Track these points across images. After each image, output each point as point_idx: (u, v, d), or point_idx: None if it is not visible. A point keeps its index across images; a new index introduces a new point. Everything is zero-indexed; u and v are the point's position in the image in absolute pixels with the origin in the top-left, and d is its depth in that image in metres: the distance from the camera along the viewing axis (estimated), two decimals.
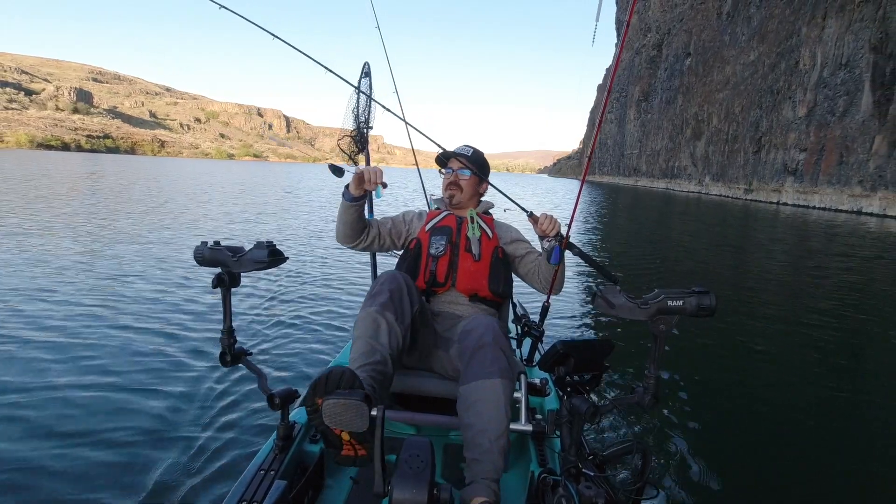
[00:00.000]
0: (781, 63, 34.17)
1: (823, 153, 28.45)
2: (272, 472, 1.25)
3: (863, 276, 8.02)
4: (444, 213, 1.82)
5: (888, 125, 23.33)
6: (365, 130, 2.41)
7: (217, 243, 1.22)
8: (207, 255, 1.21)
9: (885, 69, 23.56)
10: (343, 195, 1.67)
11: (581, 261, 1.68)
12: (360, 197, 1.64)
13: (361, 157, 2.46)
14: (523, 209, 1.69)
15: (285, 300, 4.50)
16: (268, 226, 10.09)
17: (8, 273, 4.95)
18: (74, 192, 15.25)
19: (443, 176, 1.88)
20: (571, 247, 1.63)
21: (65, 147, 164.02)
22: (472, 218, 1.72)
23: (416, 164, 3.11)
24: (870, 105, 24.54)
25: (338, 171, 2.12)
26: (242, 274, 1.26)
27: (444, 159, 1.87)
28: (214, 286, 1.23)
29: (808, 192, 30.01)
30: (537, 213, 1.65)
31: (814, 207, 28.56)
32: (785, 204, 31.81)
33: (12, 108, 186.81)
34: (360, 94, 2.33)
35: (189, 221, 10.00)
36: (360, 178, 1.58)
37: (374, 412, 1.03)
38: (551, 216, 1.63)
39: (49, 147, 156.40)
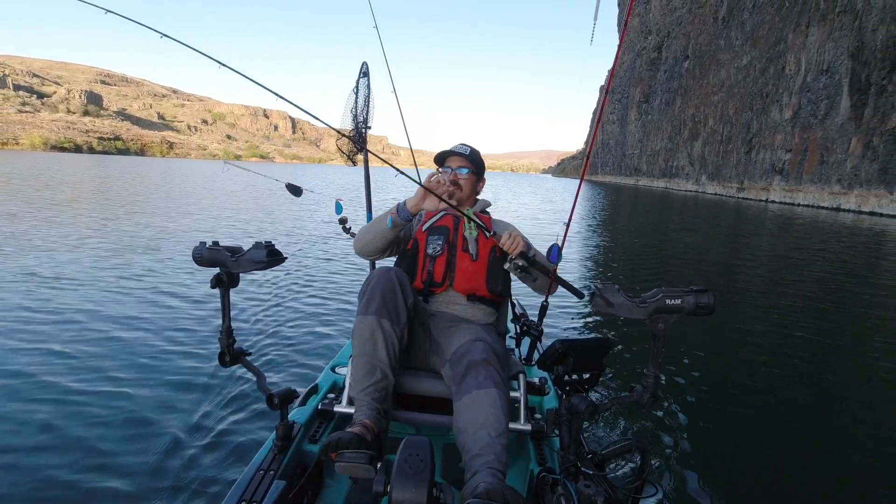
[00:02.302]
0: (770, 68, 35.84)
1: (806, 153, 30.16)
2: (271, 472, 1.25)
3: (848, 270, 8.46)
4: (441, 213, 1.81)
5: (863, 128, 25.01)
6: (363, 131, 2.39)
7: (216, 243, 1.23)
8: (206, 255, 1.21)
9: (861, 75, 25.21)
10: (399, 212, 1.61)
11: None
12: (414, 215, 1.62)
13: (360, 158, 2.46)
14: (486, 230, 1.60)
15: (284, 300, 4.50)
16: (267, 226, 10.10)
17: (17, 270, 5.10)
18: (151, 190, 17.45)
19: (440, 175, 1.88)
20: (536, 263, 1.55)
21: (77, 149, 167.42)
22: (468, 217, 1.66)
23: (415, 164, 3.12)
24: (848, 109, 26.21)
25: (295, 191, 2.24)
26: (241, 274, 1.25)
27: (442, 158, 1.86)
28: (213, 286, 1.24)
29: (793, 190, 31.71)
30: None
31: (798, 205, 30.20)
32: (773, 202, 33.38)
33: (26, 111, 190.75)
34: (358, 94, 2.34)
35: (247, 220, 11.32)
36: (423, 193, 1.56)
37: (378, 465, 1.09)
38: (515, 235, 1.56)
39: (62, 149, 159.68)
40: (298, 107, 1.70)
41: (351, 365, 1.39)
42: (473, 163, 1.84)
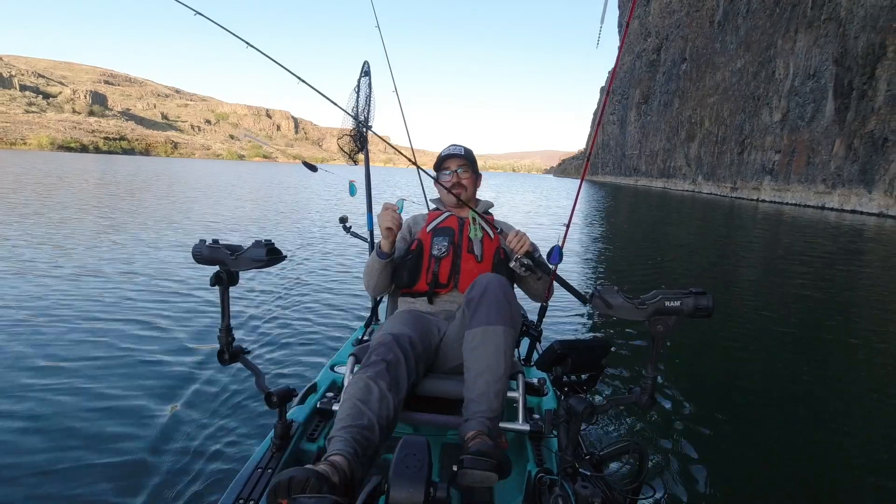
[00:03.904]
0: (762, 72, 37.12)
1: (794, 154, 31.48)
2: (269, 471, 1.26)
3: (833, 265, 8.76)
4: (446, 214, 1.82)
5: (845, 130, 26.33)
6: (364, 130, 2.40)
7: (215, 241, 1.23)
8: (206, 253, 1.22)
9: (844, 80, 26.51)
10: (378, 255, 1.69)
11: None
12: (392, 252, 1.69)
13: (361, 156, 2.48)
14: (494, 227, 1.71)
15: (284, 298, 4.52)
16: (268, 225, 10.14)
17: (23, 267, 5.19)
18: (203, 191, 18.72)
19: (443, 179, 1.87)
20: (541, 264, 1.62)
21: (83, 149, 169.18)
22: (473, 219, 1.69)
23: (416, 164, 3.39)
24: (832, 112, 27.52)
25: (312, 168, 2.39)
26: (241, 272, 1.25)
27: (440, 162, 1.89)
28: (213, 284, 1.24)
29: (782, 189, 33.05)
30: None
31: (787, 203, 31.47)
32: (763, 201, 34.62)
33: (32, 112, 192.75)
34: (359, 93, 2.36)
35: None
36: (385, 228, 1.61)
37: None
38: (522, 234, 1.61)
39: (69, 149, 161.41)
40: (317, 90, 1.69)
41: (338, 409, 1.29)
42: (471, 161, 1.90)
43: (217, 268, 1.24)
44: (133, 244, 6.93)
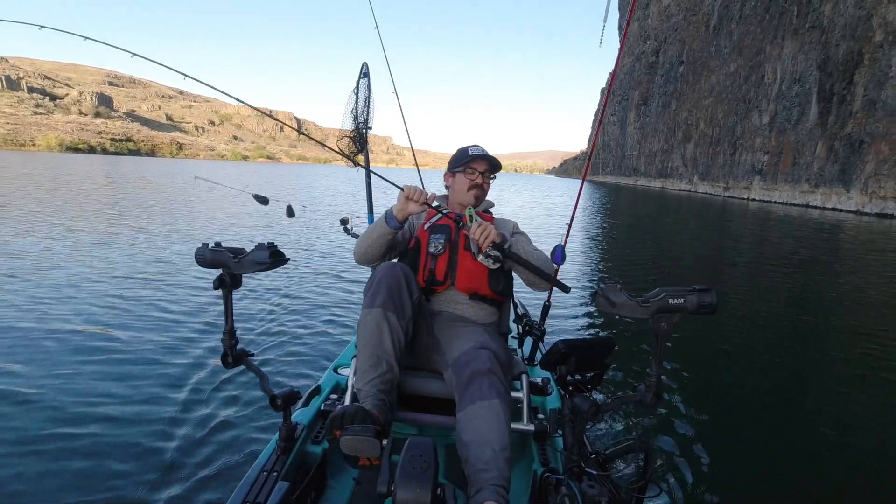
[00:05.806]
0: (752, 75, 38.55)
1: (781, 155, 32.94)
2: (275, 474, 1.27)
3: (824, 260, 9.03)
4: (444, 212, 1.76)
5: (827, 133, 27.77)
6: (364, 131, 2.42)
7: (218, 244, 1.23)
8: (209, 256, 1.22)
9: (827, 85, 27.96)
10: (387, 221, 1.63)
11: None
12: (403, 222, 1.64)
13: (361, 158, 2.46)
14: (458, 222, 1.64)
15: (287, 301, 4.52)
16: (268, 226, 10.24)
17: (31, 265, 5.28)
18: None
19: (465, 177, 1.83)
20: (511, 255, 1.59)
21: (91, 150, 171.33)
22: (471, 216, 1.63)
23: (417, 164, 3.13)
24: (816, 115, 28.95)
25: (262, 201, 2.43)
26: (244, 275, 1.26)
27: (468, 160, 1.82)
28: (216, 287, 1.25)
29: (770, 189, 34.52)
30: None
31: (774, 202, 32.90)
32: (753, 200, 36.01)
33: (40, 113, 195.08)
34: (358, 95, 2.39)
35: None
36: (405, 198, 1.58)
37: (384, 442, 1.10)
38: (483, 225, 1.57)
39: (77, 150, 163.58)
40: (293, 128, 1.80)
41: (356, 357, 1.40)
42: (496, 168, 1.87)
43: (220, 271, 1.24)
44: (136, 246, 6.97)
